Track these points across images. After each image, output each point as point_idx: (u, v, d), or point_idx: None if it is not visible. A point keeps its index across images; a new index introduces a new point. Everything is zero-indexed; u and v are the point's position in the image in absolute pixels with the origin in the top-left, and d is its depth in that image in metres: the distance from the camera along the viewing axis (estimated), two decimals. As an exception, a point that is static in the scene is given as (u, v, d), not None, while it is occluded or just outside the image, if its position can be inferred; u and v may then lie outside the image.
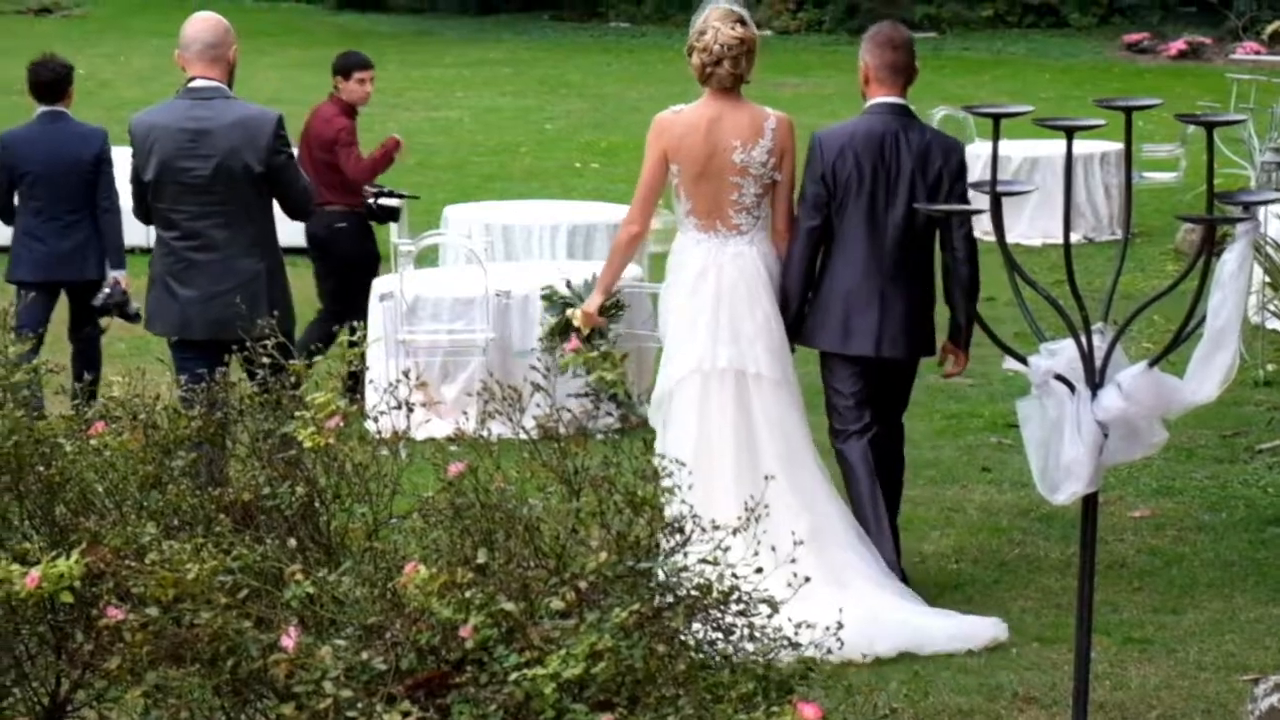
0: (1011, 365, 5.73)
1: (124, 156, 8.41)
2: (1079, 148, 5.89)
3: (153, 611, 4.43)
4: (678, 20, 30.23)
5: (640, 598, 4.43)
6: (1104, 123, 5.73)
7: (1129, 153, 5.77)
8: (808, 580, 4.82)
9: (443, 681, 4.35)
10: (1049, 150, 15.55)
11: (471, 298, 10.27)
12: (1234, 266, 5.35)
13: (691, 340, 7.55)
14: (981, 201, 5.64)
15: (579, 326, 7.81)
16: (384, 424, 5.04)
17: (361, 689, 4.28)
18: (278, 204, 8.07)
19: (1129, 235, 6.10)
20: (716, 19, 7.53)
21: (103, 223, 10.02)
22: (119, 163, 9.47)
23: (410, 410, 5.02)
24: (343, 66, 11.14)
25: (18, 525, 4.98)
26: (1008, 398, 9.99)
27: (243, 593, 4.49)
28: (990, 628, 7.32)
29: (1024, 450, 5.81)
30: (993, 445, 9.91)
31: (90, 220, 10.02)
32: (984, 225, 6.27)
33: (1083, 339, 5.49)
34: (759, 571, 4.70)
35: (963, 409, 10.61)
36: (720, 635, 4.60)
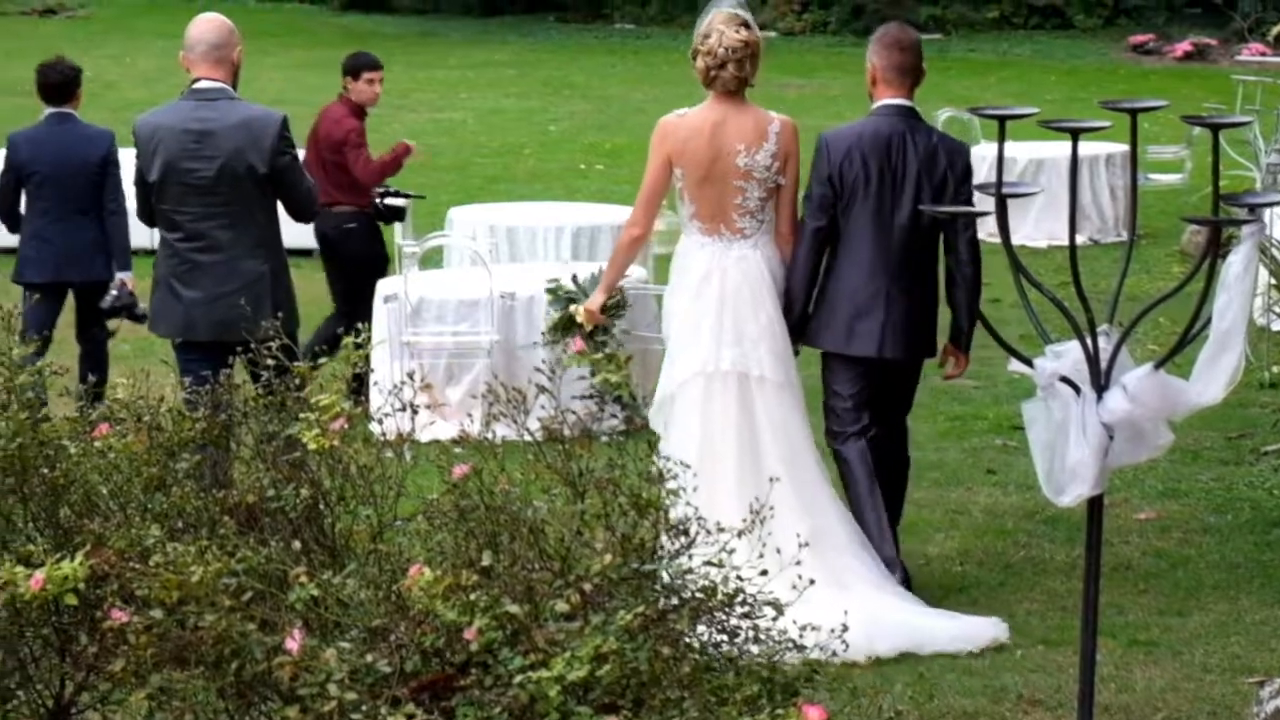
0: (1017, 367, 5.73)
1: (129, 158, 8.40)
2: (1084, 149, 5.88)
3: (157, 614, 4.43)
4: (683, 22, 30.23)
5: (645, 600, 4.42)
6: (1109, 124, 5.72)
7: (1134, 154, 5.77)
8: (812, 583, 4.82)
9: (447, 684, 4.34)
10: (1054, 152, 15.54)
11: (476, 299, 10.26)
12: (1239, 268, 5.35)
13: (695, 343, 7.55)
14: (987, 203, 5.63)
15: (581, 322, 7.90)
16: (389, 426, 5.04)
17: (366, 692, 4.28)
18: (282, 205, 8.06)
19: (1134, 237, 6.10)
20: (721, 22, 7.54)
21: (109, 224, 10.02)
22: (124, 164, 9.47)
23: (415, 412, 5.02)
24: (352, 67, 11.15)
25: (22, 527, 4.98)
26: (1013, 400, 9.99)
27: (247, 595, 4.49)
28: (991, 628, 7.32)
29: (1029, 452, 5.81)
30: (998, 447, 9.90)
31: (97, 221, 10.03)
32: (989, 227, 6.27)
33: (1088, 341, 5.49)
34: (764, 574, 4.70)
35: (968, 411, 10.60)
36: (725, 638, 4.60)
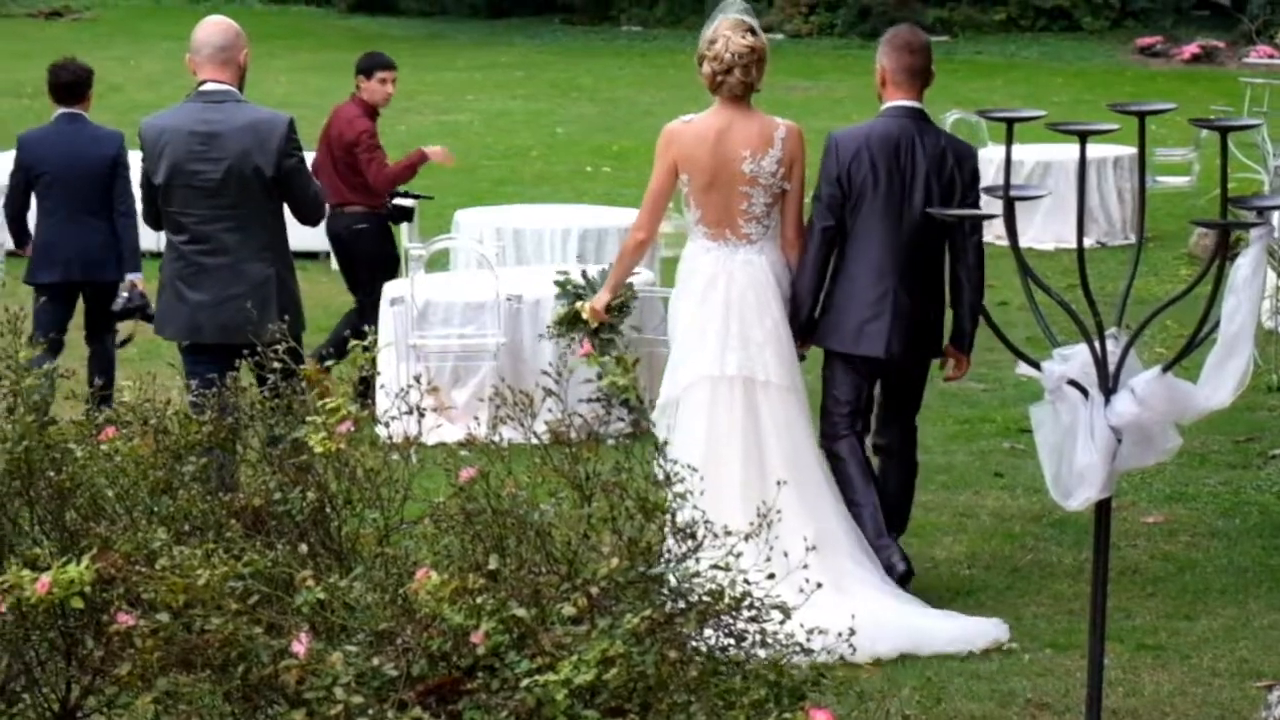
0: (1024, 370, 5.72)
1: (136, 161, 8.40)
2: (1092, 152, 5.86)
3: (163, 617, 4.43)
4: (689, 24, 30.22)
5: (652, 604, 4.42)
6: (1117, 127, 5.72)
7: (1142, 157, 5.76)
8: (819, 587, 4.82)
9: (454, 687, 4.34)
10: (1062, 154, 15.54)
11: (482, 302, 10.25)
12: (1248, 271, 5.34)
13: (701, 348, 7.55)
14: (995, 206, 5.63)
15: (587, 319, 7.95)
16: (395, 429, 5.04)
17: (372, 695, 4.27)
18: (288, 208, 8.05)
19: (1142, 240, 6.09)
20: (727, 28, 7.55)
21: (120, 226, 10.01)
22: (133, 167, 9.45)
23: (421, 415, 5.01)
24: (366, 66, 11.15)
25: (28, 531, 4.97)
26: (1020, 403, 9.97)
27: (253, 598, 4.48)
28: (992, 629, 7.31)
29: (1037, 455, 5.80)
30: (1005, 450, 9.89)
31: (108, 222, 10.02)
32: (997, 229, 6.26)
33: (1096, 344, 5.48)
34: (771, 578, 4.70)
35: (975, 414, 10.59)
36: (732, 641, 4.59)
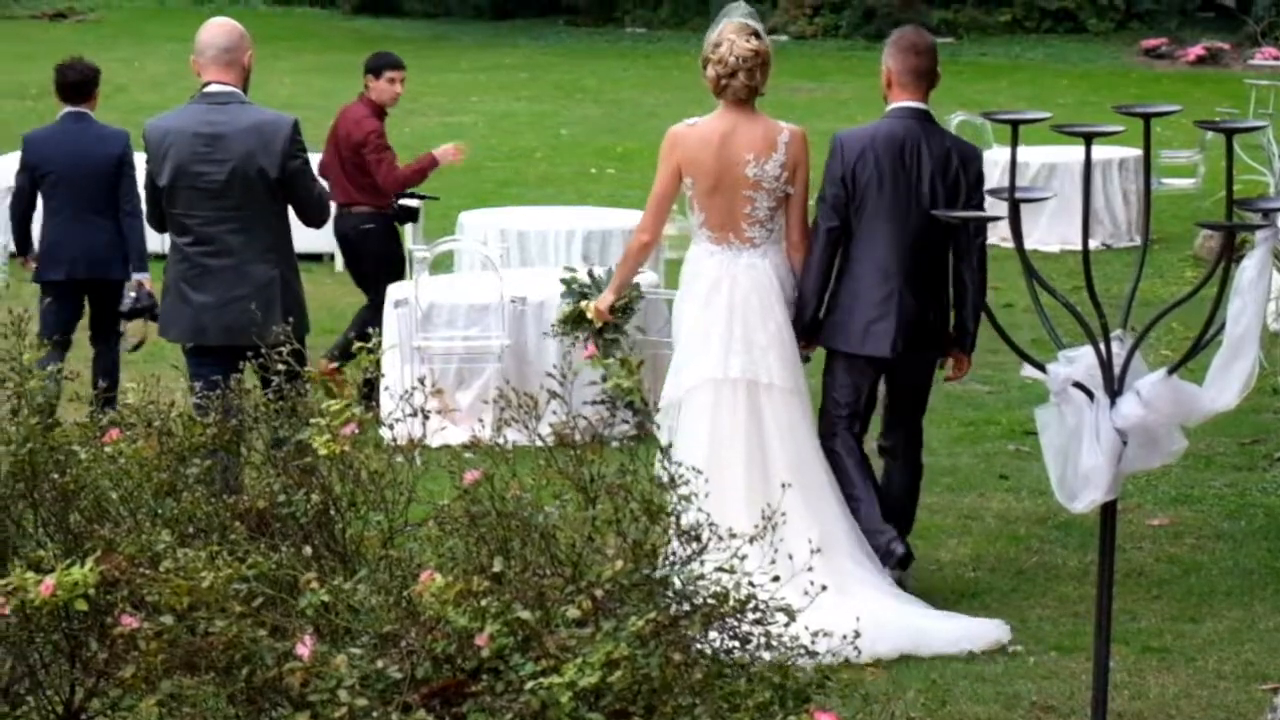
0: (1030, 372, 5.71)
1: (140, 162, 8.39)
2: (1097, 154, 5.86)
3: (167, 620, 4.42)
4: (693, 25, 30.25)
5: (657, 606, 4.41)
6: (1122, 129, 5.71)
7: (1148, 159, 5.76)
8: (824, 589, 4.81)
9: (458, 690, 4.33)
10: (1067, 156, 15.53)
11: (487, 304, 10.25)
12: (1253, 273, 5.34)
13: (705, 351, 7.56)
14: (1000, 208, 5.62)
15: (591, 319, 7.98)
16: (399, 431, 5.04)
17: (377, 698, 4.27)
18: (292, 210, 8.05)
19: (1148, 242, 6.08)
20: (731, 32, 7.55)
21: (126, 226, 10.00)
22: (137, 168, 9.46)
23: (426, 417, 5.01)
24: (375, 65, 11.15)
25: (32, 533, 4.97)
26: (1026, 405, 9.96)
27: (257, 601, 4.48)
28: (993, 630, 7.31)
29: (1042, 458, 5.80)
30: (1010, 453, 9.89)
31: (113, 221, 10.02)
32: (1002, 231, 6.26)
33: (1101, 346, 5.47)
34: (776, 580, 4.69)
35: (980, 416, 10.59)
36: (737, 644, 4.58)
